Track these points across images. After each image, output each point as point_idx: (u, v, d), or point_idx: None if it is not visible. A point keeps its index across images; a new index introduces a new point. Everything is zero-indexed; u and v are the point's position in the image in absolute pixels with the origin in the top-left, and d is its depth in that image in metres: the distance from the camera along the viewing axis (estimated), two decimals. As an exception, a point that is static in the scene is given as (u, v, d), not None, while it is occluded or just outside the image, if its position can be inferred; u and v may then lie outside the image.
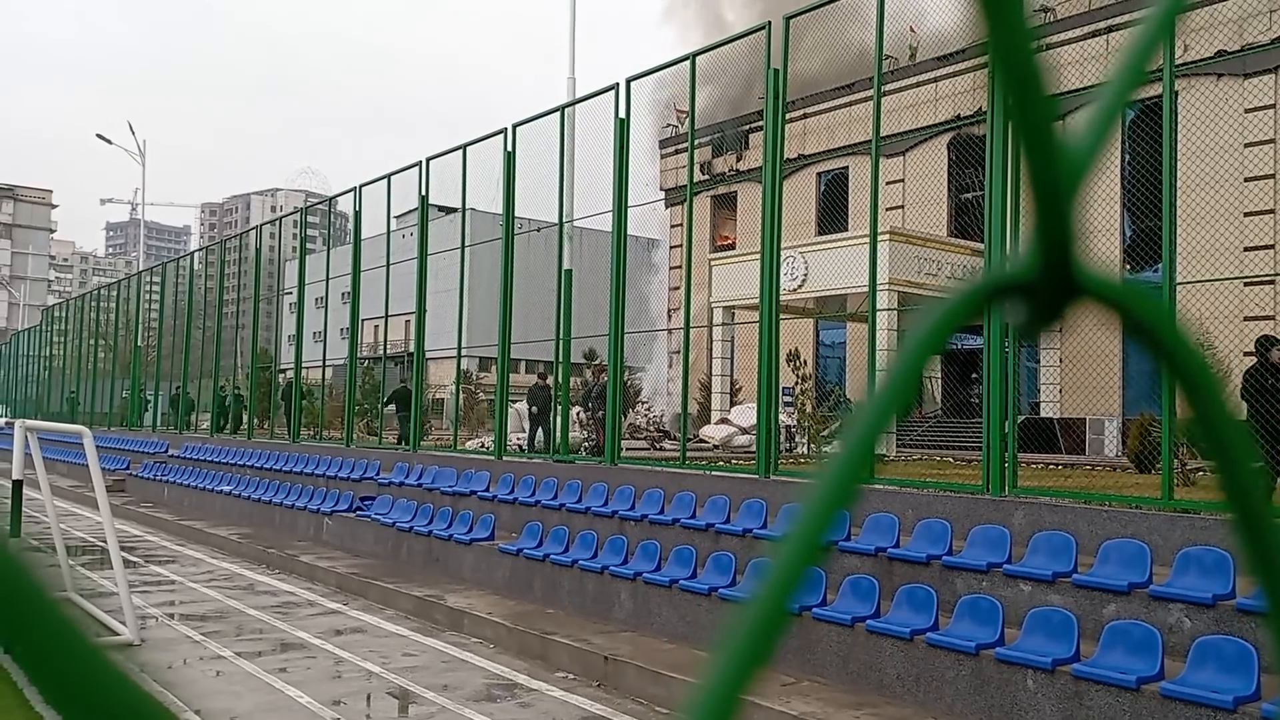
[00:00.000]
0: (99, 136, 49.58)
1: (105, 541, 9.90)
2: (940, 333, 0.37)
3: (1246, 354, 19.87)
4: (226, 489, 19.76)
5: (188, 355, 27.50)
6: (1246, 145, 22.34)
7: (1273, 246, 21.79)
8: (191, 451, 23.96)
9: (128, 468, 25.89)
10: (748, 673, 0.34)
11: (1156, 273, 12.90)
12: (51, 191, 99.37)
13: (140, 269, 38.38)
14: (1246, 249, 21.95)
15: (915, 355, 0.37)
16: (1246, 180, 22.34)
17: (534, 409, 17.24)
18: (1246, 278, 21.30)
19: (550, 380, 16.29)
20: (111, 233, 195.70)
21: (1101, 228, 24.31)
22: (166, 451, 25.65)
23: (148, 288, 32.28)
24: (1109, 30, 24.61)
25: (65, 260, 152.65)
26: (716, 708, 0.34)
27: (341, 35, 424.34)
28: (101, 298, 35.52)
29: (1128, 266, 24.26)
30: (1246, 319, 21.24)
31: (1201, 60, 22.14)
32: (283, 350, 26.72)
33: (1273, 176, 22.12)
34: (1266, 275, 21.00)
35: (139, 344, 31.56)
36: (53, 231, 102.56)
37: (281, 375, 25.13)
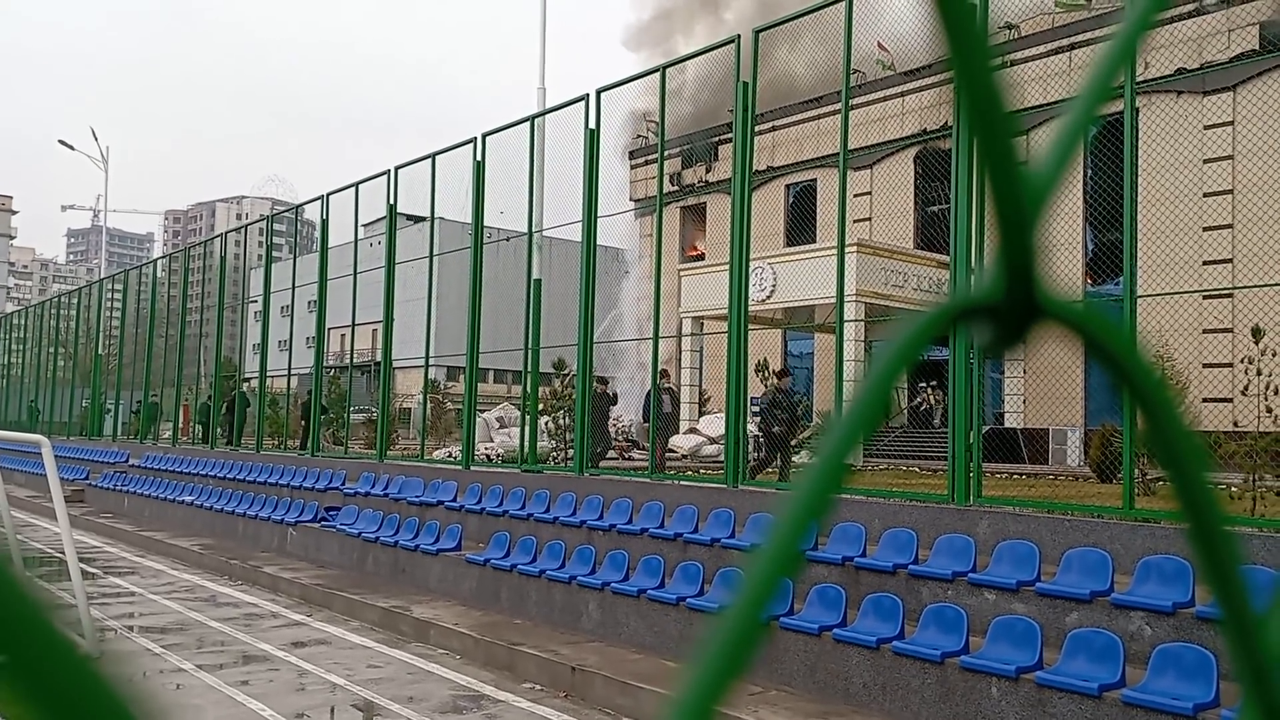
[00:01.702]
0: (61, 142, 48.90)
1: (63, 553, 9.73)
2: (908, 352, 0.38)
3: (1205, 365, 20.27)
4: (188, 499, 19.48)
5: (149, 364, 27.10)
6: (1205, 161, 22.78)
7: (1230, 260, 22.22)
8: (152, 461, 23.60)
9: (87, 478, 25.47)
10: (723, 684, 0.35)
11: (1118, 286, 13.10)
12: (11, 197, 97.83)
13: (102, 276, 37.83)
14: (1205, 263, 22.36)
15: (885, 374, 0.38)
16: (1205, 195, 22.77)
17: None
18: (1205, 291, 21.71)
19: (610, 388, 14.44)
20: (73, 239, 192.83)
21: (1065, 241, 24.67)
22: (127, 461, 25.25)
23: (109, 295, 31.82)
24: (1071, 48, 25.03)
25: (25, 267, 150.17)
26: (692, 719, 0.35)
27: (311, 42, 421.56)
28: (62, 305, 34.94)
29: (1090, 279, 24.64)
30: (1205, 331, 21.64)
31: (1162, 78, 22.57)
32: (247, 359, 26.41)
33: (1230, 192, 22.57)
34: (1225, 289, 21.40)
35: (100, 352, 31.07)
36: (12, 238, 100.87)
37: (246, 384, 24.80)
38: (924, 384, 27.32)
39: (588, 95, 13.37)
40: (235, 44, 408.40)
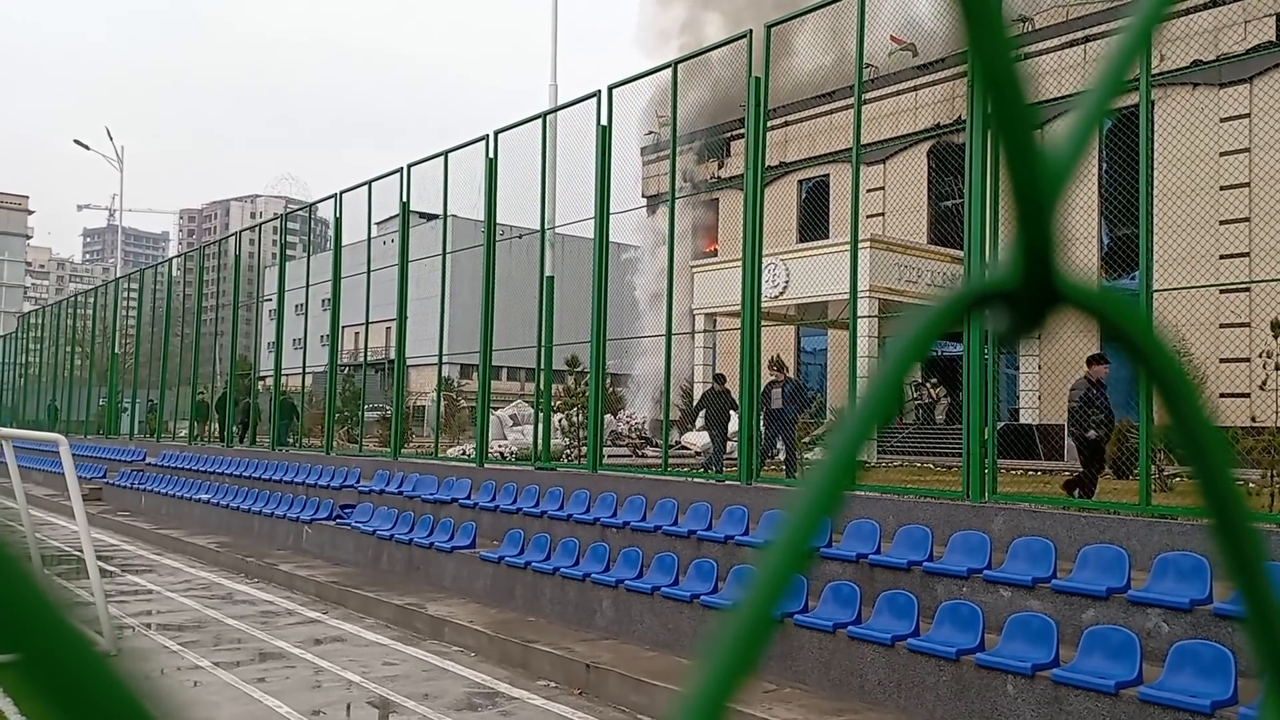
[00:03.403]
0: (76, 142, 49.19)
1: (81, 551, 9.80)
2: (923, 341, 0.38)
3: (1223, 360, 20.13)
4: (204, 497, 19.59)
5: (165, 363, 27.25)
6: (1222, 154, 22.60)
7: (1248, 254, 22.04)
8: (168, 459, 23.74)
9: (104, 476, 25.64)
10: (734, 681, 0.34)
11: (1134, 280, 13.02)
12: (27, 197, 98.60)
13: (118, 275, 38.07)
14: (1222, 256, 22.17)
15: (899, 363, 0.38)
16: (1222, 189, 22.59)
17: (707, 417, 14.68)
18: (1222, 285, 21.52)
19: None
20: (89, 239, 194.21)
21: (1080, 235, 24.52)
22: (144, 460, 25.41)
23: (125, 294, 32.01)
24: (1086, 40, 24.86)
25: (42, 267, 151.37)
26: (703, 716, 0.34)
27: (324, 42, 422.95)
28: (79, 304, 35.18)
29: (1105, 274, 24.47)
30: (1222, 326, 21.46)
31: (1177, 70, 22.39)
32: (262, 357, 26.53)
33: (1248, 185, 22.38)
34: (1242, 283, 21.22)
35: (116, 351, 31.26)
36: (29, 238, 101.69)
37: (261, 383, 24.90)
38: (924, 380, 27.18)
39: (599, 91, 13.36)
40: (248, 46, 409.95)
